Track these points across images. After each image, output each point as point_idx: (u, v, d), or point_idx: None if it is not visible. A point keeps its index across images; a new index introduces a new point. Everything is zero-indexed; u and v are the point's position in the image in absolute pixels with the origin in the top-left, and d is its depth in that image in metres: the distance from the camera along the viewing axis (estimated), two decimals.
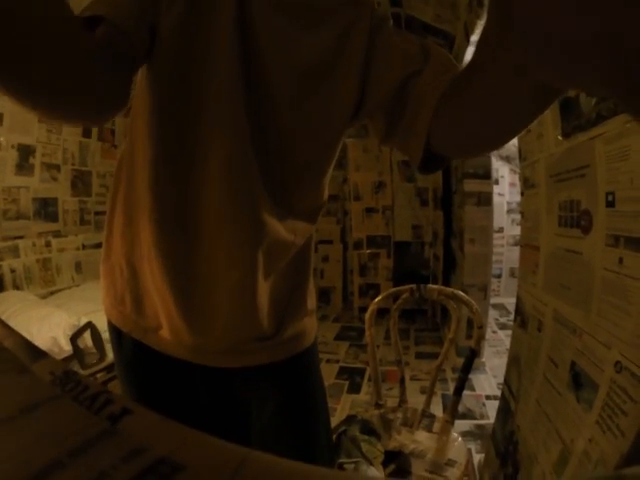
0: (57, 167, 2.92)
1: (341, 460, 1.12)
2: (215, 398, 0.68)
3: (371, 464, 1.10)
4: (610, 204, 0.81)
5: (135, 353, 0.64)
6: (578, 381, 0.88)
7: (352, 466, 1.09)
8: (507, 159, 3.46)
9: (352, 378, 2.58)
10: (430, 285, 1.41)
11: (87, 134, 3.15)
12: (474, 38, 2.08)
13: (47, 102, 0.36)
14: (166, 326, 0.60)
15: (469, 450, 1.74)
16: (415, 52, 0.53)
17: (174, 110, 0.52)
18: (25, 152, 2.67)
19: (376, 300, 1.41)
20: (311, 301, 0.73)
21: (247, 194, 0.55)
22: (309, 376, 0.74)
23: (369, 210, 3.89)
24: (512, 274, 4.14)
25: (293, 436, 0.70)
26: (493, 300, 3.29)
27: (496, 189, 3.26)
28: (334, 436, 1.18)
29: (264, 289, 0.61)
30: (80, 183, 3.13)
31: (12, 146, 2.58)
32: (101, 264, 0.67)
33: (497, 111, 0.39)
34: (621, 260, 0.77)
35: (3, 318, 0.42)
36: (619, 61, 0.18)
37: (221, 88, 0.51)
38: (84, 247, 3.16)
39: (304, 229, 0.65)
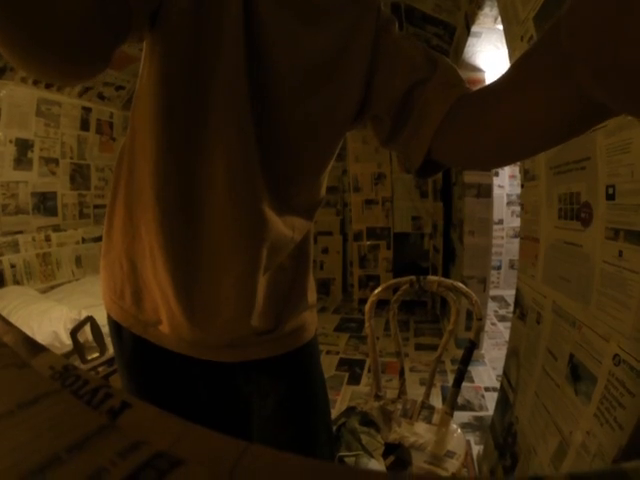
0: (55, 161, 2.92)
1: (341, 453, 1.13)
2: (215, 393, 0.68)
3: (371, 456, 1.11)
4: (610, 197, 0.81)
5: (135, 348, 0.64)
6: (576, 373, 0.89)
7: (353, 459, 1.10)
8: None
9: (352, 369, 2.59)
10: (430, 277, 1.42)
11: (85, 127, 3.14)
12: (475, 29, 2.06)
13: (31, 30, 0.34)
14: (166, 321, 0.60)
15: (468, 442, 1.75)
16: (421, 60, 0.54)
17: (179, 103, 0.52)
18: (23, 146, 2.66)
19: (376, 292, 1.42)
20: (311, 295, 0.73)
21: (248, 187, 0.54)
22: (309, 370, 0.74)
23: (369, 202, 3.89)
24: (512, 266, 4.15)
25: (294, 431, 0.71)
26: (492, 292, 3.30)
27: (496, 181, 3.26)
28: (334, 428, 1.19)
29: (262, 283, 0.61)
30: (79, 177, 3.12)
31: (10, 141, 2.57)
32: (101, 258, 0.66)
33: (524, 137, 0.41)
34: (621, 253, 0.77)
35: (4, 314, 0.42)
36: None
37: (226, 82, 0.51)
38: (84, 241, 3.16)
39: (302, 225, 0.65)
